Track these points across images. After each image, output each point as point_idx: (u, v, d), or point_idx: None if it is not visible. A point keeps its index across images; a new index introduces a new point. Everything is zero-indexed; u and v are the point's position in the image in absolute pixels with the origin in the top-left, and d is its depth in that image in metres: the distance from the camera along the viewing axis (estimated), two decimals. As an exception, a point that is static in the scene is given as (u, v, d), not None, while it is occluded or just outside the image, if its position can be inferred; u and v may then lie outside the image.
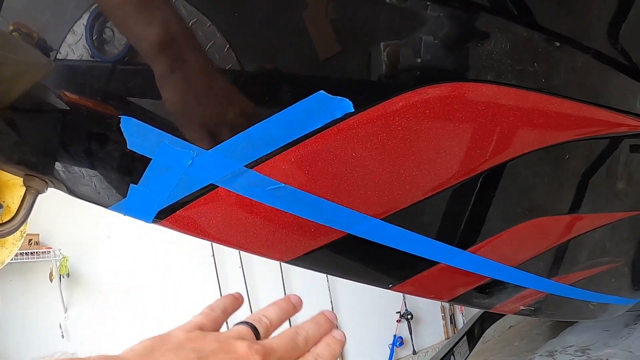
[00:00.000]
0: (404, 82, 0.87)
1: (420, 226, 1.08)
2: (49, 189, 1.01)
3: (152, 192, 0.88)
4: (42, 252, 3.68)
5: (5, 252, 1.98)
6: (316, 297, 4.52)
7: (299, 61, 0.85)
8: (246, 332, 0.65)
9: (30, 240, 3.63)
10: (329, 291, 4.52)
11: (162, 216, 0.91)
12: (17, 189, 1.38)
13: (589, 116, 1.18)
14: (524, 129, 1.04)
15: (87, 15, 0.78)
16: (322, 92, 0.81)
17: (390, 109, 0.86)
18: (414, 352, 4.91)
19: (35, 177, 0.97)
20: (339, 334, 0.73)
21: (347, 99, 0.82)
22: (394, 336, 4.86)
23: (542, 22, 1.02)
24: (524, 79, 1.00)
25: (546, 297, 1.68)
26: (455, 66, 0.92)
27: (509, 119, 1.00)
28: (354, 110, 0.84)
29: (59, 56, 0.80)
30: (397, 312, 4.91)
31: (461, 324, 5.13)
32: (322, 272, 1.12)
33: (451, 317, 5.31)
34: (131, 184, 0.88)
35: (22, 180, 0.98)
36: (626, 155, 1.58)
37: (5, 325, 3.63)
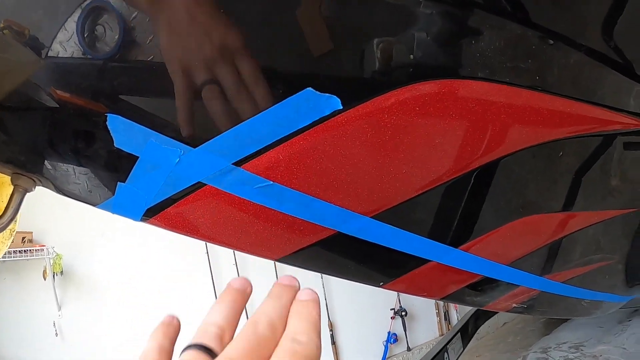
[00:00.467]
0: (395, 79, 0.86)
1: (411, 224, 1.07)
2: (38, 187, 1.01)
3: (139, 190, 0.87)
4: (36, 250, 3.68)
5: (-6, 251, 1.97)
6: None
7: (287, 58, 0.84)
8: (196, 356, 0.51)
9: (23, 238, 3.62)
10: (323, 288, 4.52)
11: (150, 214, 0.91)
12: (5, 187, 1.36)
13: (582, 114, 1.17)
14: (517, 126, 1.04)
15: (79, 12, 0.77)
16: (310, 89, 0.80)
17: (379, 106, 0.85)
18: (408, 349, 4.92)
19: (23, 175, 0.96)
20: (305, 294, 0.61)
21: (335, 96, 0.81)
22: (388, 333, 4.87)
23: (535, 19, 1.01)
24: (517, 76, 0.99)
25: (539, 295, 1.67)
26: (447, 63, 0.91)
27: (501, 117, 0.99)
28: (342, 107, 0.83)
29: (50, 53, 0.80)
30: (391, 309, 4.92)
31: (455, 320, 5.14)
32: (313, 270, 1.11)
33: (445, 313, 5.31)
34: (119, 182, 0.87)
35: (10, 178, 0.97)
36: (619, 152, 1.58)
37: (-1, 323, 3.63)
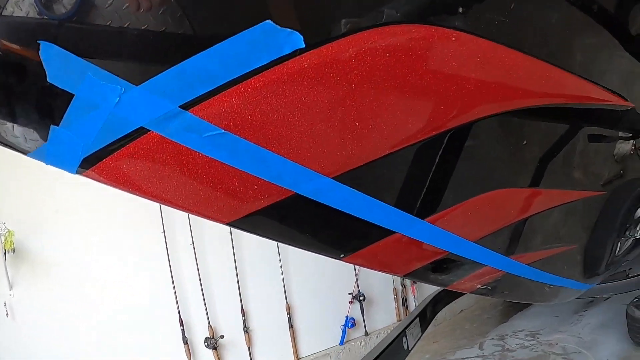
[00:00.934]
0: (366, 19, 0.78)
1: (375, 189, 0.99)
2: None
3: (75, 136, 0.77)
4: (-14, 227, 3.50)
5: None
6: (268, 278, 4.44)
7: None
8: None
9: (-29, 213, 3.45)
10: (281, 271, 4.44)
11: (87, 165, 0.80)
12: None
13: (557, 79, 1.12)
14: (490, 85, 0.97)
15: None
16: (269, 22, 0.71)
17: (347, 47, 0.76)
18: (366, 334, 4.88)
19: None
20: None
21: (297, 32, 0.72)
22: (346, 317, 4.79)
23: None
24: (495, 31, 0.92)
25: (504, 277, 1.63)
26: (423, 7, 0.84)
27: (475, 72, 0.92)
28: (305, 46, 0.73)
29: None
30: (349, 294, 4.83)
31: (413, 306, 5.12)
32: (267, 237, 1.02)
33: (403, 299, 5.27)
34: (52, 126, 0.77)
35: None
36: (584, 142, 1.56)
37: (-55, 303, 3.46)
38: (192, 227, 4.10)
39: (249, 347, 4.34)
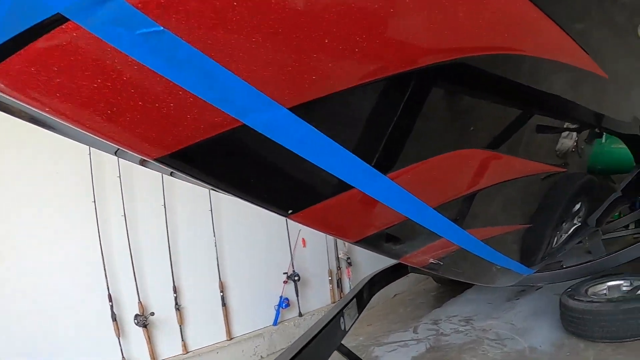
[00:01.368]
0: None
1: (335, 129, 0.85)
2: None
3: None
4: None
5: None
6: (202, 254, 4.28)
7: None
8: None
9: None
10: (215, 247, 4.26)
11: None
12: None
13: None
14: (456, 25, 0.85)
15: None
16: None
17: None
18: (300, 315, 4.78)
19: None
20: None
21: None
22: (280, 297, 4.68)
23: None
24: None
25: (457, 252, 1.53)
26: None
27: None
28: None
29: None
30: (284, 273, 4.73)
31: (348, 288, 5.07)
32: (204, 180, 0.84)
33: (338, 281, 5.22)
34: None
35: None
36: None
37: None
38: (125, 198, 3.88)
39: (181, 326, 4.15)
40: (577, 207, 2.60)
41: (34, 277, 3.57)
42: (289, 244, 4.82)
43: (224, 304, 4.39)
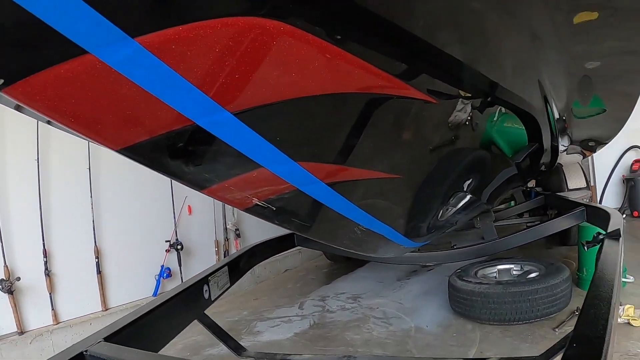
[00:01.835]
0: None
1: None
2: None
3: None
4: None
5: None
6: (77, 216, 3.91)
7: None
8: None
9: None
10: (92, 210, 3.85)
11: None
12: None
13: None
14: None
15: None
16: None
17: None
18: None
19: None
20: None
21: None
22: (162, 267, 4.38)
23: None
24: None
25: (294, 195, 1.21)
26: None
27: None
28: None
29: None
30: (166, 241, 4.45)
31: (236, 259, 4.86)
32: None
33: (225, 252, 4.99)
34: None
35: None
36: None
37: None
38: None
39: (51, 294, 3.71)
40: (466, 179, 2.39)
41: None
42: (173, 210, 4.46)
43: (100, 272, 4.03)
